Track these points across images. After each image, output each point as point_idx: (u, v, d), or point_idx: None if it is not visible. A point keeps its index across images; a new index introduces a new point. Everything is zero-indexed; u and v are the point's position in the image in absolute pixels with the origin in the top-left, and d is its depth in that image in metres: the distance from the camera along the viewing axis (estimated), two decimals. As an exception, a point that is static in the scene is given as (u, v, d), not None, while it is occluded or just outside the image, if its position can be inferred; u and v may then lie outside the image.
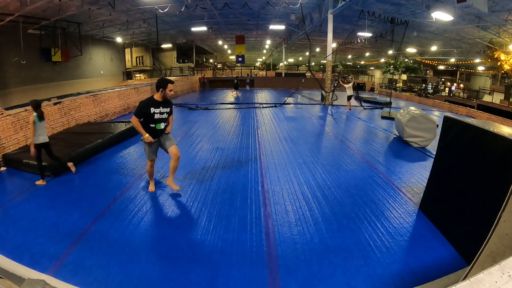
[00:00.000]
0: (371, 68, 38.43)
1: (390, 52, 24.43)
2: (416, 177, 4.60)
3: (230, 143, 6.51)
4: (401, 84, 30.27)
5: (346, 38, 18.17)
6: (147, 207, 3.51)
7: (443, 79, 29.00)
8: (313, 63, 37.96)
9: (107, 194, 3.85)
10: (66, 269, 2.42)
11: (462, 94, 23.67)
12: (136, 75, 27.86)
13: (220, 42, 27.76)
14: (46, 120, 4.31)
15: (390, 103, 14.10)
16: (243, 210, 3.44)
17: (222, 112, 11.21)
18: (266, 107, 12.60)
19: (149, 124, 3.49)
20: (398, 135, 7.35)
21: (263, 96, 18.33)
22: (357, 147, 6.44)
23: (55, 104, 7.01)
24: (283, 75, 29.17)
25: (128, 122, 7.35)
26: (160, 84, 3.43)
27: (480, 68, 22.93)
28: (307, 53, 32.10)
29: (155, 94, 3.49)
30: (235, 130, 7.94)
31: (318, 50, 29.85)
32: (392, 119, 9.70)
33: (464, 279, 1.07)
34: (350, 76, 14.50)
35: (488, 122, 2.88)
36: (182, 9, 13.92)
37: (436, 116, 11.45)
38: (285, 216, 3.31)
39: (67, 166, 4.56)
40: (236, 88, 18.36)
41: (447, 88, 26.45)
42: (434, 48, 21.82)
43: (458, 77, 27.47)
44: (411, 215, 3.39)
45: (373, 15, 14.11)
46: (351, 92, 12.17)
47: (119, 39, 21.90)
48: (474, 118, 12.41)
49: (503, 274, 0.87)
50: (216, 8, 15.26)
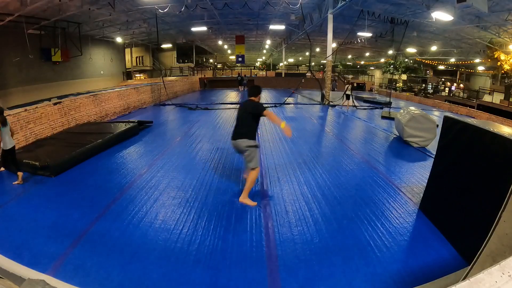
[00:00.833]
0: (371, 68, 38.40)
1: (390, 52, 24.39)
2: (416, 177, 4.60)
3: (230, 143, 6.50)
4: (401, 84, 30.25)
5: (346, 38, 18.10)
6: (147, 207, 3.51)
7: (443, 79, 28.95)
8: (313, 63, 37.90)
9: (107, 194, 3.85)
10: (66, 269, 2.42)
11: (462, 94, 23.62)
12: (136, 75, 27.82)
13: (220, 42, 27.70)
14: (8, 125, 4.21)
15: (390, 103, 14.11)
16: (243, 210, 3.44)
17: (222, 112, 11.20)
18: (266, 107, 12.57)
19: (257, 127, 3.53)
20: (398, 135, 7.35)
21: (263, 96, 18.25)
22: (357, 147, 6.45)
23: (55, 104, 7.01)
24: (283, 75, 29.14)
25: (128, 122, 7.35)
26: (259, 91, 3.68)
27: (480, 68, 22.88)
28: (307, 53, 32.09)
29: (253, 98, 3.55)
30: (235, 130, 7.92)
31: (318, 50, 29.80)
32: (392, 119, 9.71)
33: (464, 279, 1.07)
34: (350, 77, 14.59)
35: (488, 122, 2.88)
36: (182, 9, 13.90)
37: (436, 116, 11.45)
38: (285, 216, 3.32)
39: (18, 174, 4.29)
40: (241, 84, 19.90)
41: (447, 88, 26.42)
42: (434, 48, 21.78)
43: (458, 77, 27.42)
44: (411, 215, 3.39)
45: (373, 15, 14.08)
46: (350, 92, 12.46)
47: (119, 39, 21.87)
48: (474, 118, 12.41)
49: (503, 274, 0.87)
50: (216, 8, 15.24)
